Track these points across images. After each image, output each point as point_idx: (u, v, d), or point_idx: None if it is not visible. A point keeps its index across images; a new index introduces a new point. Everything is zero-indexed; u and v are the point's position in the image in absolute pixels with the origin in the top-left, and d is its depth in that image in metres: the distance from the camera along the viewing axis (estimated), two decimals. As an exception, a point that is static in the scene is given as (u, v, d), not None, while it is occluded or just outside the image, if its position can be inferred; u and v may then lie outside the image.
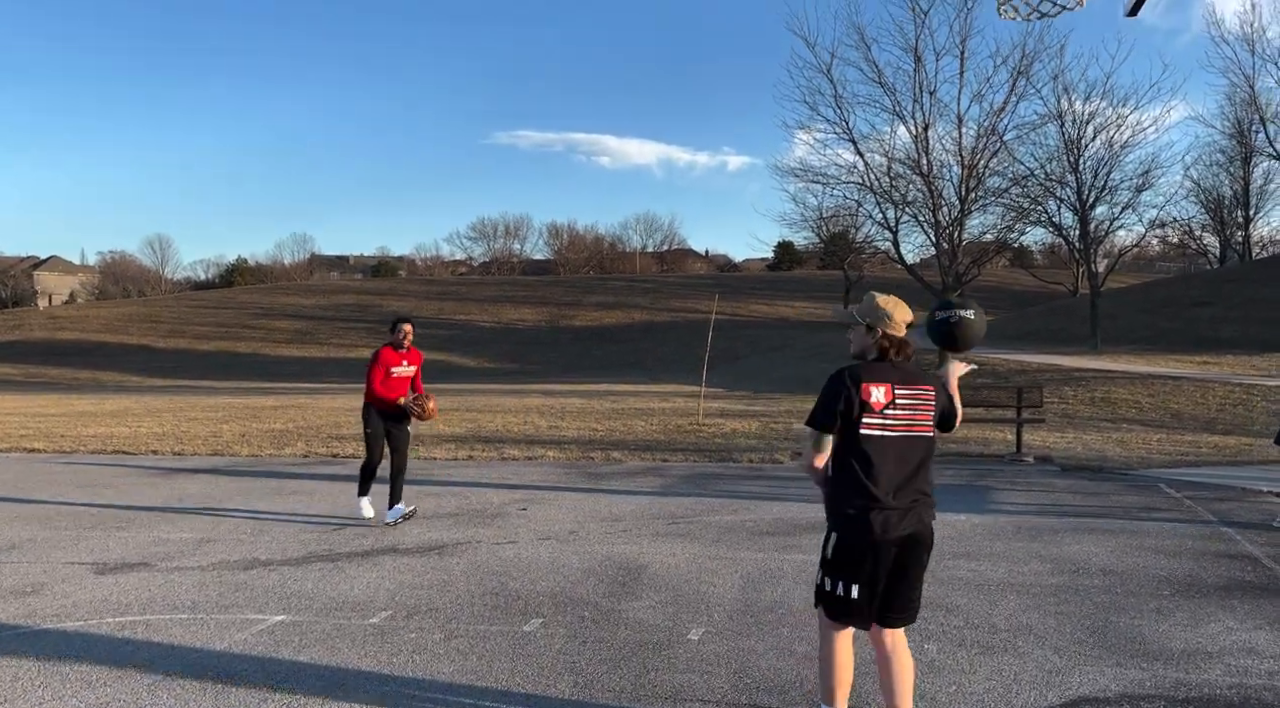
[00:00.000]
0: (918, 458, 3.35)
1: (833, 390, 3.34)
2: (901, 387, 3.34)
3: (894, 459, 3.29)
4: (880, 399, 3.29)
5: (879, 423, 3.29)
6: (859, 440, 3.29)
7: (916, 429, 3.35)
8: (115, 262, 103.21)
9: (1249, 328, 27.76)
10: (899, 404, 3.32)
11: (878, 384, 3.31)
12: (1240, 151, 46.39)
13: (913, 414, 3.34)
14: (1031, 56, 26.34)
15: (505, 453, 12.49)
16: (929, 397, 3.39)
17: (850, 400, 3.29)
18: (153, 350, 55.61)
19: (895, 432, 3.31)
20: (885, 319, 3.45)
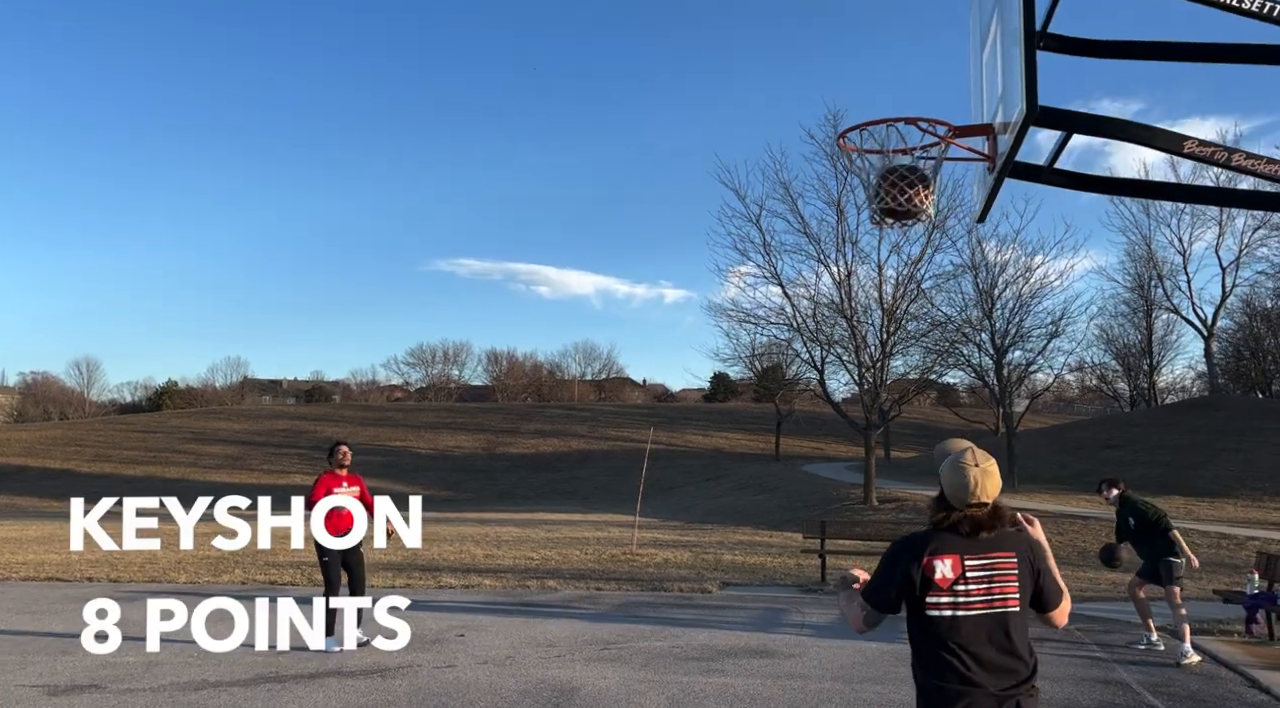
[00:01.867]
0: (1000, 639, 2.90)
1: (891, 560, 3.00)
2: (971, 556, 2.92)
3: (974, 641, 2.88)
4: (947, 575, 2.89)
5: (945, 603, 2.89)
6: (926, 621, 2.92)
7: (998, 605, 2.91)
8: (37, 383, 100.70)
9: (1153, 470, 29.33)
10: (969, 578, 2.90)
11: (943, 557, 2.91)
12: (1142, 304, 49.64)
13: (989, 588, 2.91)
14: (945, 212, 28.42)
15: (442, 581, 12.82)
16: (1010, 564, 2.94)
17: (910, 576, 2.92)
18: (76, 475, 54.10)
19: (972, 610, 2.89)
20: (955, 485, 2.98)
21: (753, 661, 7.95)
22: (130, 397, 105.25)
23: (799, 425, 57.04)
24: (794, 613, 10.61)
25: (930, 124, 4.17)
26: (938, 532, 2.97)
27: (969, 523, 2.94)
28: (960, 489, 2.95)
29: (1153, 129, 3.88)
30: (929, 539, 2.95)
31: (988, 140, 4.35)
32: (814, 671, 7.60)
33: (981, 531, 2.94)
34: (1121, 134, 3.92)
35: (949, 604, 2.87)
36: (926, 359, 33.31)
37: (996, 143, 4.21)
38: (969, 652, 2.86)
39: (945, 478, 3.00)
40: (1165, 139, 3.89)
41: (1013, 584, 2.91)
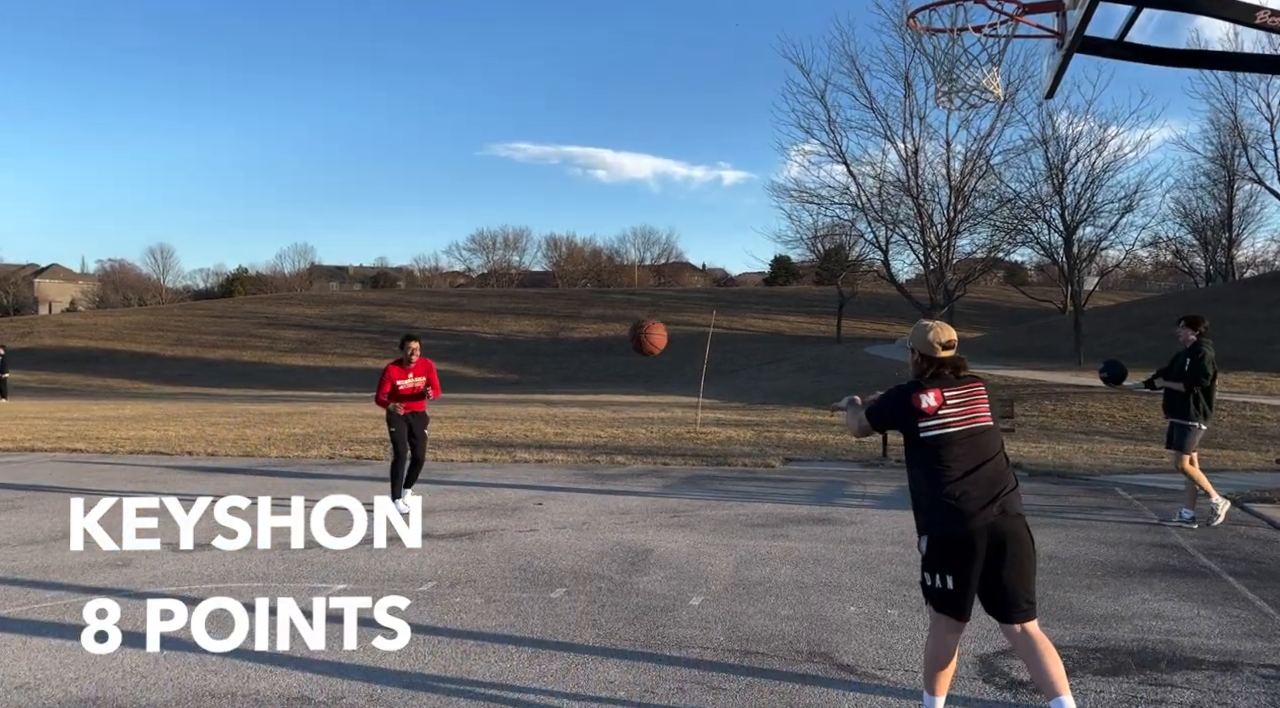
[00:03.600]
0: (985, 448, 3.64)
1: (888, 398, 3.80)
2: (949, 389, 3.67)
3: (961, 454, 3.59)
4: (931, 403, 3.62)
5: (936, 424, 3.62)
6: (922, 445, 3.64)
7: (976, 422, 3.65)
8: (115, 270, 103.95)
9: (1224, 346, 28.74)
10: (950, 403, 3.64)
11: (926, 391, 3.65)
12: (1224, 176, 47.65)
13: (967, 408, 3.66)
14: (1016, 84, 27.45)
15: (517, 456, 13.46)
16: (979, 390, 3.73)
17: (902, 410, 3.69)
18: (161, 358, 56.51)
19: (955, 427, 3.62)
20: (925, 344, 3.77)
21: (816, 527, 8.37)
22: (203, 283, 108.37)
23: (861, 307, 56.75)
24: (855, 485, 11.00)
25: (999, 1, 4.19)
26: (922, 379, 3.75)
27: (950, 365, 3.76)
28: (929, 341, 3.76)
29: (1223, 1, 3.87)
30: (917, 384, 3.73)
31: (1057, 16, 4.35)
32: (875, 536, 7.99)
33: (958, 370, 3.75)
34: (1192, 6, 3.91)
35: (937, 426, 3.62)
36: (994, 237, 32.78)
37: (1066, 19, 4.23)
38: (957, 460, 3.59)
39: (916, 339, 3.82)
40: (1236, 10, 3.88)
41: (983, 405, 3.72)
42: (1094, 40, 4.47)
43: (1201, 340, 8.40)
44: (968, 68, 4.37)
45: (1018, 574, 3.60)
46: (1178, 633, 5.29)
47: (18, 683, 4.42)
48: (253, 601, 5.86)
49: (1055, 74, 4.61)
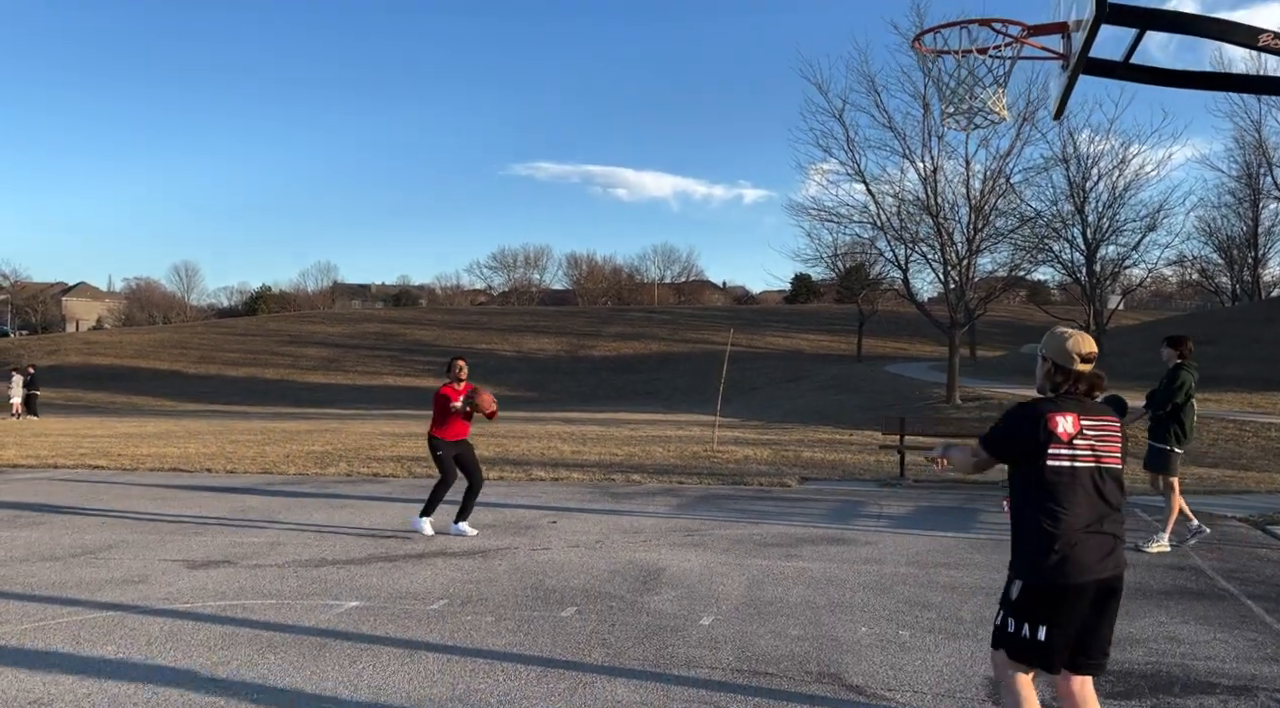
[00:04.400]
0: (1109, 493, 3.25)
1: (1014, 417, 3.30)
2: (1087, 417, 3.26)
3: (1086, 493, 3.20)
4: (1068, 430, 3.20)
5: (1067, 454, 3.20)
6: (1043, 477, 3.21)
7: (1106, 461, 3.24)
8: (141, 288, 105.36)
9: (1251, 366, 28.48)
10: (1086, 434, 3.22)
11: (1064, 414, 3.22)
12: (1249, 194, 47.26)
13: (1101, 444, 3.25)
14: (1036, 103, 27.37)
15: (533, 474, 13.49)
16: (1115, 428, 3.31)
17: (1034, 432, 3.21)
18: (184, 376, 57.07)
19: (1084, 462, 3.21)
20: (1062, 353, 3.34)
21: (830, 547, 8.33)
22: (227, 301, 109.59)
23: (882, 325, 56.60)
24: (872, 505, 10.95)
25: (1004, 25, 4.21)
26: (1057, 397, 3.32)
27: (1086, 381, 3.33)
28: (1066, 350, 3.32)
29: (1228, 23, 3.86)
30: (1050, 402, 3.30)
31: (1063, 38, 4.37)
32: (889, 556, 7.95)
33: (1095, 389, 3.33)
34: (1196, 30, 3.91)
35: (1068, 456, 3.20)
36: (1015, 256, 32.58)
37: (1070, 41, 4.25)
38: (1080, 503, 3.19)
39: (1051, 347, 3.37)
40: (1240, 34, 3.87)
41: (1116, 444, 3.29)
42: (1101, 62, 4.48)
43: (1183, 362, 8.33)
44: (972, 90, 4.39)
45: (1108, 628, 3.33)
46: (1193, 657, 5.23)
47: (31, 698, 4.47)
48: (265, 618, 5.90)
49: (1062, 95, 4.62)
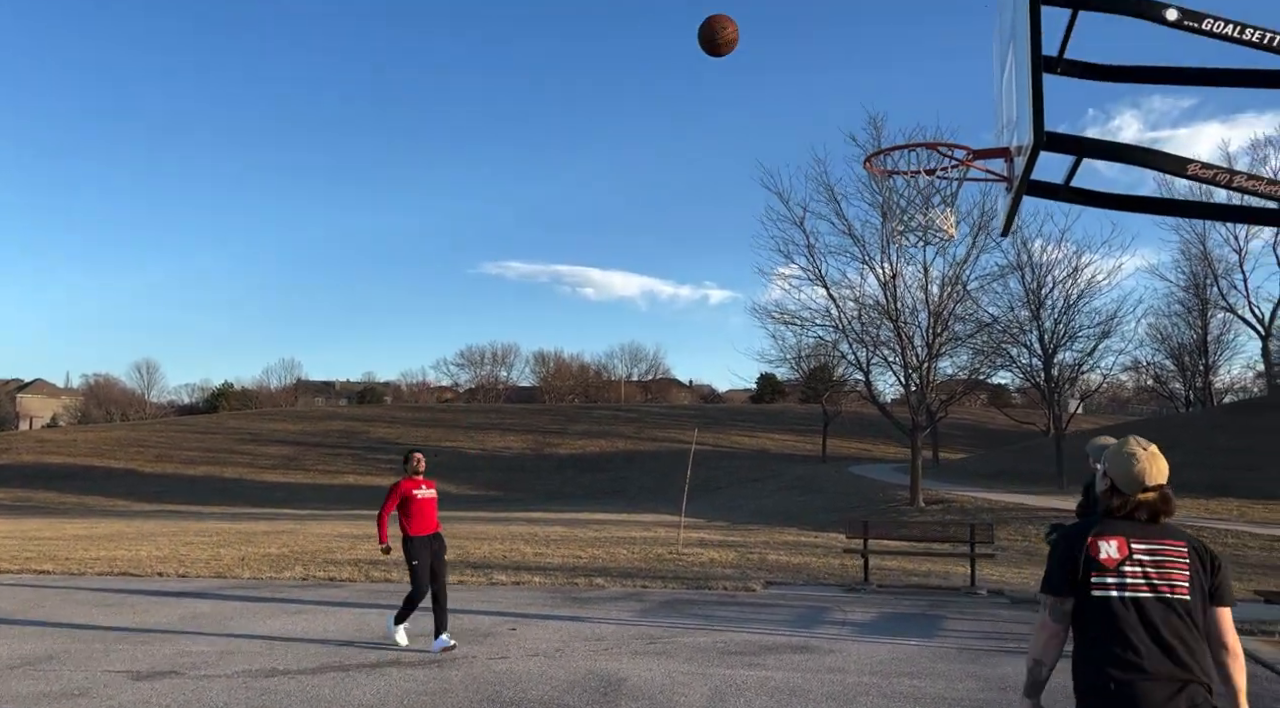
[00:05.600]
0: (1173, 627, 2.81)
1: (1057, 547, 3.00)
2: (1139, 540, 2.90)
3: (1139, 626, 2.81)
4: (1112, 555, 2.88)
5: (1108, 583, 2.86)
6: (1091, 607, 2.88)
7: (1165, 590, 2.83)
8: (100, 385, 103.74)
9: (1205, 473, 28.92)
10: (1136, 560, 2.87)
11: (1108, 538, 2.91)
12: (1197, 303, 48.77)
13: (1157, 573, 2.86)
14: (991, 213, 28.24)
15: (494, 578, 13.25)
16: (1180, 552, 2.89)
17: (1075, 558, 2.91)
18: (140, 475, 55.82)
19: (1135, 591, 2.84)
20: (1127, 478, 2.99)
21: (794, 656, 8.23)
22: (188, 398, 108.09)
23: (846, 426, 56.94)
24: (836, 611, 10.85)
25: (950, 148, 4.43)
26: (1106, 519, 2.97)
27: (1146, 509, 2.95)
28: (1135, 475, 2.95)
29: (1157, 153, 4.11)
30: (1094, 523, 2.97)
31: (1006, 162, 4.60)
32: (853, 665, 7.86)
33: (1159, 516, 2.94)
34: (1128, 158, 4.15)
35: (1115, 585, 2.84)
36: (974, 360, 33.19)
37: (1014, 165, 4.47)
38: (1137, 636, 2.79)
39: (1115, 468, 2.98)
40: (1169, 162, 4.11)
41: (1182, 573, 2.85)
42: (1044, 184, 4.71)
43: None
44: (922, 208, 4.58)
45: None
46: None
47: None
48: (210, 732, 5.70)
49: (1008, 215, 4.83)
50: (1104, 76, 4.47)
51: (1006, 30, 4.66)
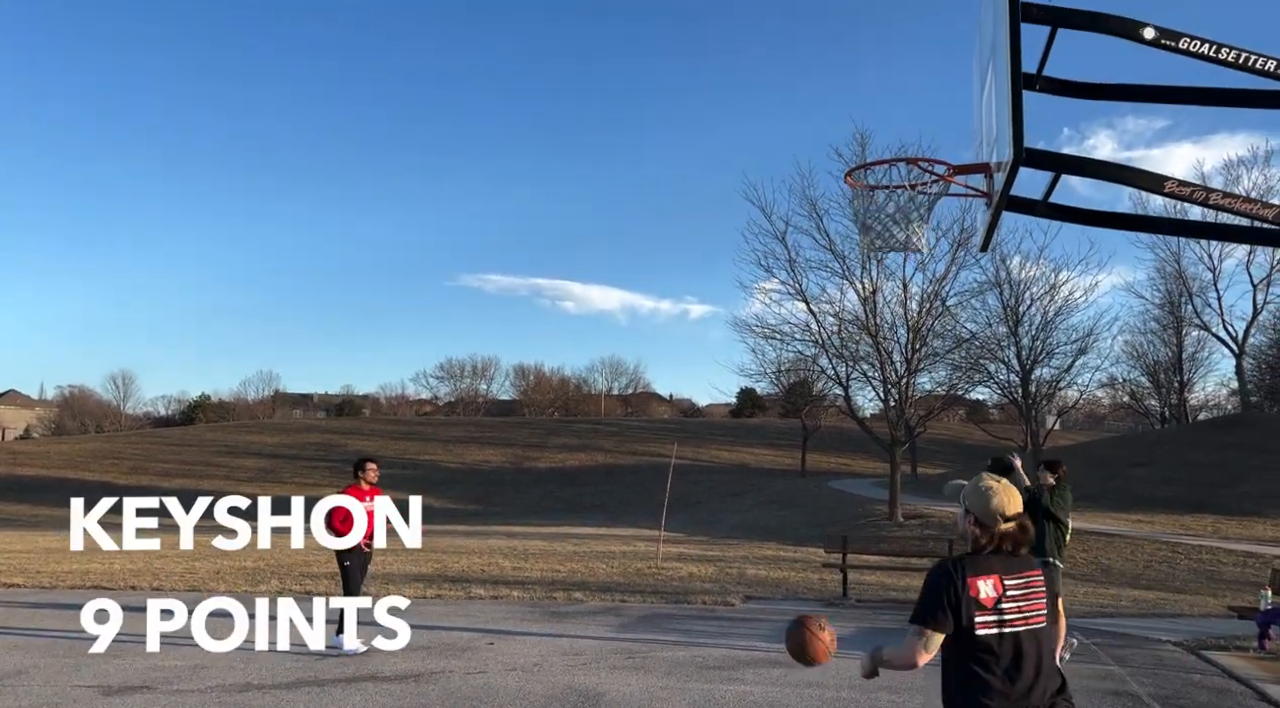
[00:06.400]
0: (1043, 655, 3.00)
1: (936, 584, 3.03)
2: (1009, 576, 3.03)
3: (1014, 661, 2.95)
4: (990, 594, 2.97)
5: (990, 622, 2.96)
6: (972, 647, 2.97)
7: (1034, 621, 3.00)
8: (75, 396, 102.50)
9: (1181, 489, 29.19)
10: (1010, 596, 3.00)
11: (984, 577, 3.00)
12: (1172, 321, 49.24)
13: (1027, 604, 3.02)
14: (970, 230, 28.50)
15: (472, 592, 13.16)
16: (1039, 581, 3.07)
17: (957, 597, 2.97)
18: (114, 487, 55.04)
19: (1013, 628, 2.98)
20: (985, 512, 3.10)
21: (772, 670, 8.21)
22: (164, 410, 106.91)
23: (825, 441, 57.02)
24: (814, 626, 10.84)
25: (930, 164, 4.46)
26: (975, 555, 3.07)
27: (1010, 540, 3.06)
28: (995, 508, 3.06)
29: (1134, 170, 4.16)
30: (968, 562, 3.04)
31: (986, 177, 4.64)
32: (831, 680, 7.84)
33: (1019, 546, 3.07)
34: (1106, 176, 4.20)
35: (995, 623, 2.95)
36: (953, 376, 33.38)
37: (993, 181, 4.51)
38: (1016, 668, 2.93)
39: (975, 503, 3.10)
40: (1147, 180, 4.16)
41: (1042, 601, 3.03)
42: (1022, 200, 4.75)
43: (1059, 484, 8.68)
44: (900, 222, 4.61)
45: None
46: (1132, 786, 5.20)
47: None
48: (182, 748, 5.62)
49: (987, 230, 4.87)
50: (1082, 94, 4.53)
51: (987, 47, 4.71)
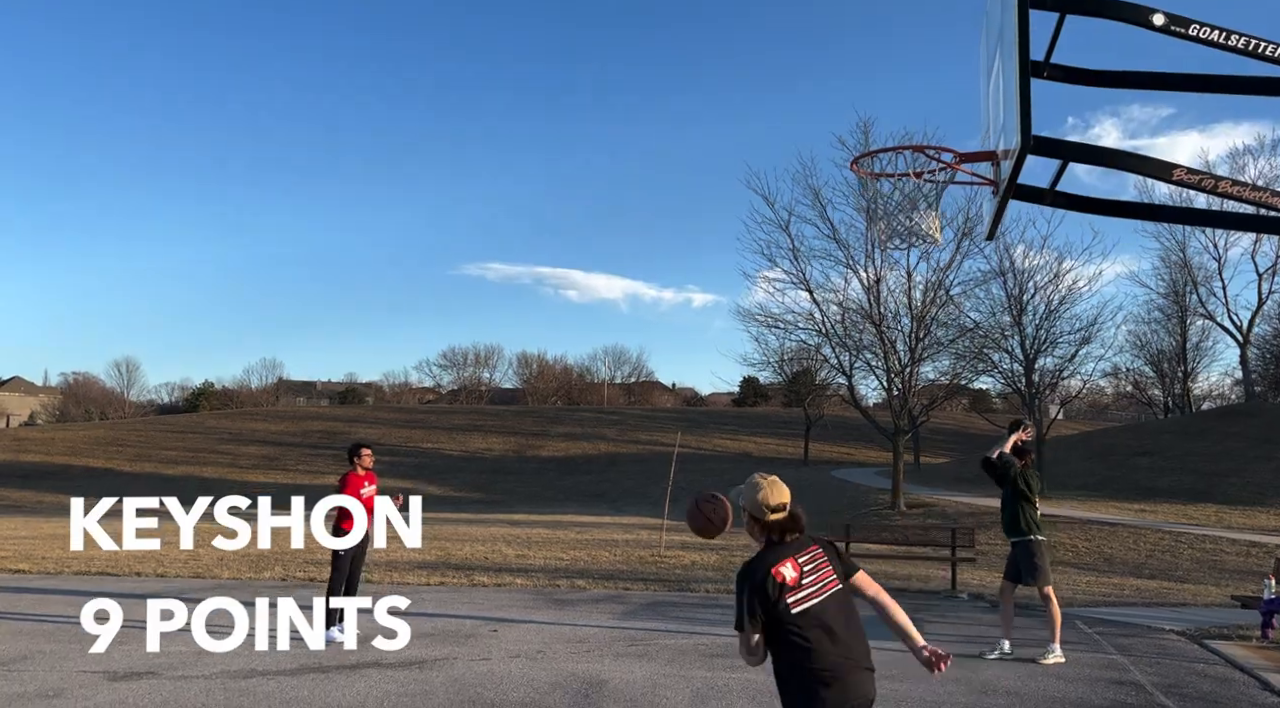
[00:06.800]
0: (844, 617, 3.45)
1: (742, 589, 3.47)
2: (799, 555, 3.50)
3: (827, 626, 3.39)
4: (793, 575, 3.42)
5: (801, 598, 3.41)
6: (791, 621, 3.39)
7: (829, 588, 3.47)
8: (78, 383, 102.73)
9: (1184, 478, 29.19)
10: (806, 573, 3.46)
11: (783, 563, 3.45)
12: (1176, 310, 49.17)
13: (819, 576, 3.48)
14: (975, 219, 28.42)
15: (475, 579, 13.19)
16: (820, 555, 3.54)
17: (767, 592, 3.40)
18: (118, 474, 55.29)
19: (818, 598, 3.43)
20: (754, 505, 3.54)
21: (775, 658, 8.22)
22: (168, 397, 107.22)
23: (828, 430, 57.06)
24: (817, 614, 10.85)
25: (937, 151, 4.44)
26: (767, 549, 3.53)
27: (778, 529, 3.52)
28: (761, 501, 3.52)
29: (1143, 158, 4.13)
30: (765, 556, 3.51)
31: (993, 165, 4.61)
32: (834, 668, 7.86)
33: (788, 533, 3.53)
34: (1114, 163, 4.17)
35: (805, 598, 3.42)
36: (956, 365, 33.31)
37: (1000, 169, 4.49)
38: (830, 632, 3.40)
39: (746, 499, 3.57)
40: (1155, 167, 4.14)
41: (829, 569, 3.52)
42: (1029, 188, 4.72)
43: (1026, 470, 8.95)
44: (908, 212, 4.59)
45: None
46: (1135, 775, 5.20)
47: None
48: (187, 733, 5.64)
49: (993, 218, 4.85)
50: (1091, 81, 4.50)
51: (994, 34, 4.68)
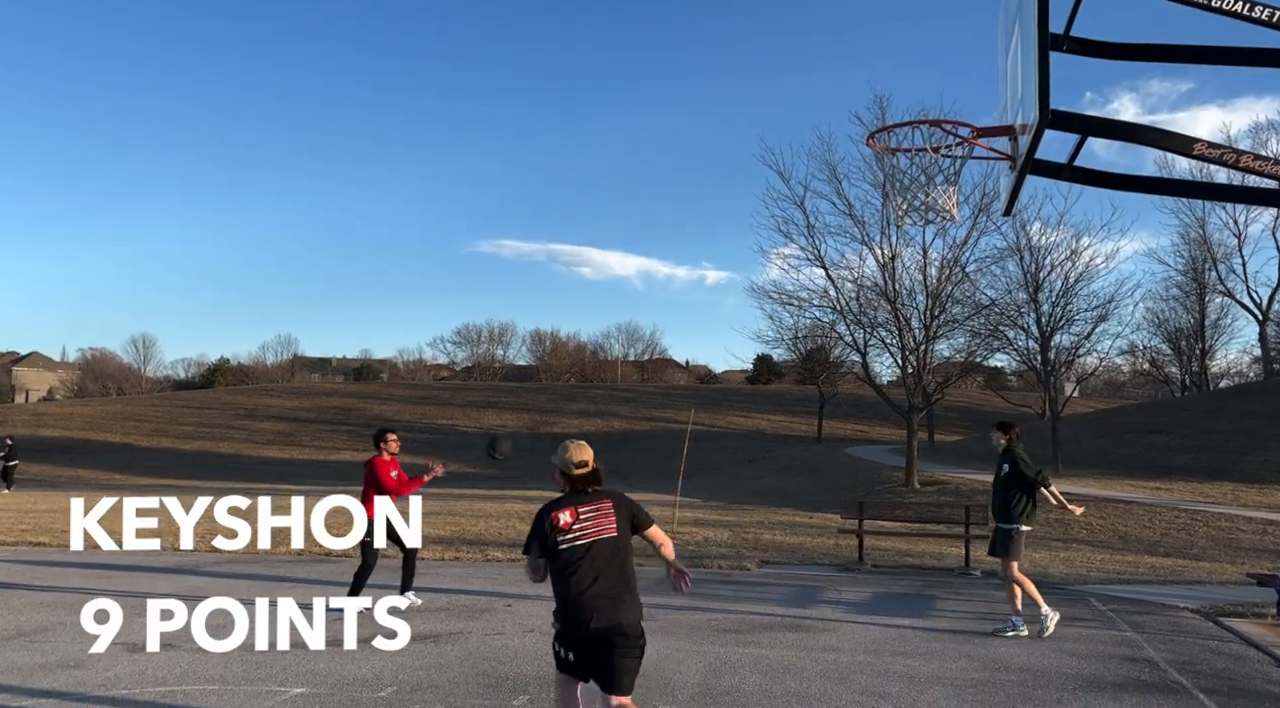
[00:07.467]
0: (607, 557, 4.26)
1: (534, 524, 4.36)
2: (583, 506, 4.32)
3: (586, 564, 4.21)
4: (567, 520, 4.26)
5: (570, 538, 4.25)
6: (558, 555, 4.25)
7: (606, 533, 4.29)
8: (96, 359, 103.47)
9: (1201, 456, 29.01)
10: (583, 519, 4.28)
11: (563, 510, 4.29)
12: (1195, 288, 48.74)
13: (595, 523, 4.29)
14: (991, 195, 28.16)
15: (490, 555, 13.28)
16: (608, 507, 4.36)
17: (543, 529, 4.28)
18: (135, 449, 55.86)
19: (584, 540, 4.25)
20: (562, 462, 4.41)
21: (787, 634, 8.26)
22: (184, 373, 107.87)
23: (842, 408, 56.98)
24: (830, 591, 10.89)
25: (954, 126, 4.39)
26: (560, 497, 4.38)
27: (582, 481, 4.39)
28: (565, 461, 4.40)
29: (1164, 132, 4.07)
30: (555, 502, 4.36)
31: (1010, 140, 4.56)
32: (847, 644, 7.89)
33: (591, 484, 4.40)
34: (1134, 137, 4.11)
35: (572, 538, 4.25)
36: (971, 343, 33.13)
37: (1017, 143, 4.44)
38: (588, 567, 4.21)
39: (556, 458, 4.43)
40: (1175, 142, 4.08)
41: (610, 520, 4.33)
42: (1047, 163, 4.66)
43: (1012, 444, 8.75)
44: (925, 188, 4.55)
45: (618, 663, 4.25)
46: (1147, 751, 5.21)
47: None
48: (207, 704, 5.72)
49: (1011, 194, 4.80)
50: (1110, 54, 4.43)
51: (1013, 6, 4.61)
